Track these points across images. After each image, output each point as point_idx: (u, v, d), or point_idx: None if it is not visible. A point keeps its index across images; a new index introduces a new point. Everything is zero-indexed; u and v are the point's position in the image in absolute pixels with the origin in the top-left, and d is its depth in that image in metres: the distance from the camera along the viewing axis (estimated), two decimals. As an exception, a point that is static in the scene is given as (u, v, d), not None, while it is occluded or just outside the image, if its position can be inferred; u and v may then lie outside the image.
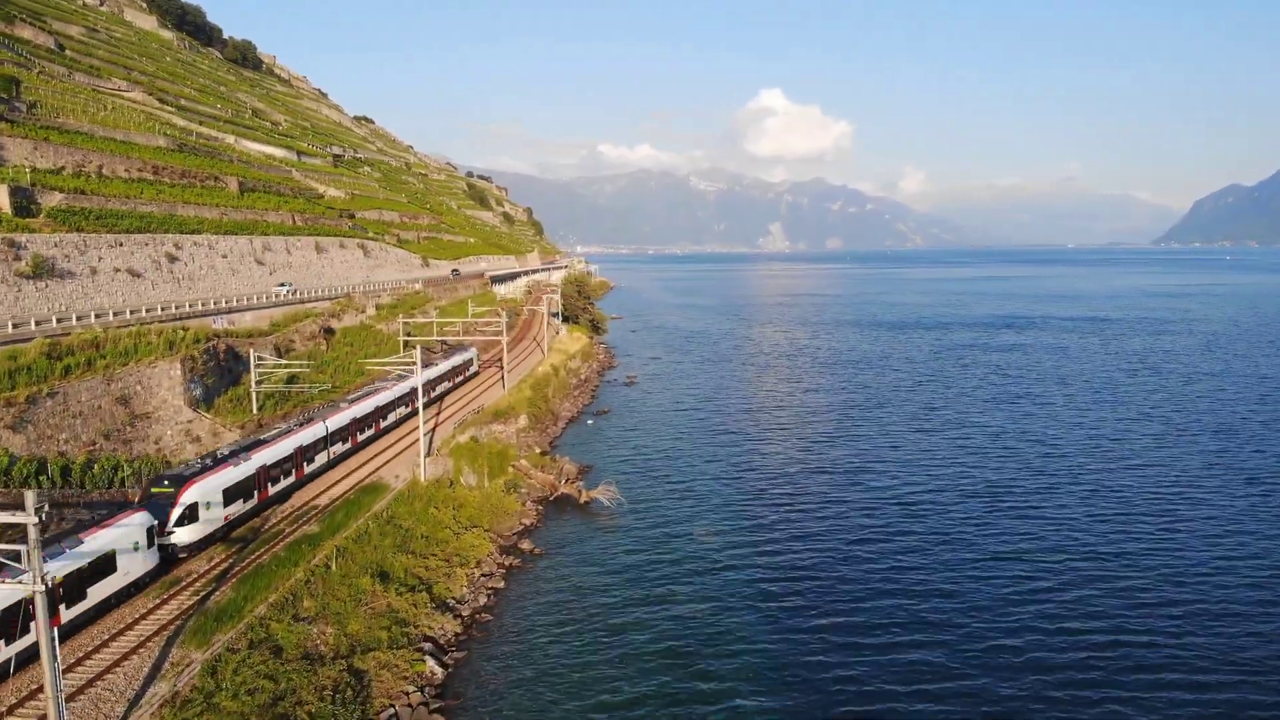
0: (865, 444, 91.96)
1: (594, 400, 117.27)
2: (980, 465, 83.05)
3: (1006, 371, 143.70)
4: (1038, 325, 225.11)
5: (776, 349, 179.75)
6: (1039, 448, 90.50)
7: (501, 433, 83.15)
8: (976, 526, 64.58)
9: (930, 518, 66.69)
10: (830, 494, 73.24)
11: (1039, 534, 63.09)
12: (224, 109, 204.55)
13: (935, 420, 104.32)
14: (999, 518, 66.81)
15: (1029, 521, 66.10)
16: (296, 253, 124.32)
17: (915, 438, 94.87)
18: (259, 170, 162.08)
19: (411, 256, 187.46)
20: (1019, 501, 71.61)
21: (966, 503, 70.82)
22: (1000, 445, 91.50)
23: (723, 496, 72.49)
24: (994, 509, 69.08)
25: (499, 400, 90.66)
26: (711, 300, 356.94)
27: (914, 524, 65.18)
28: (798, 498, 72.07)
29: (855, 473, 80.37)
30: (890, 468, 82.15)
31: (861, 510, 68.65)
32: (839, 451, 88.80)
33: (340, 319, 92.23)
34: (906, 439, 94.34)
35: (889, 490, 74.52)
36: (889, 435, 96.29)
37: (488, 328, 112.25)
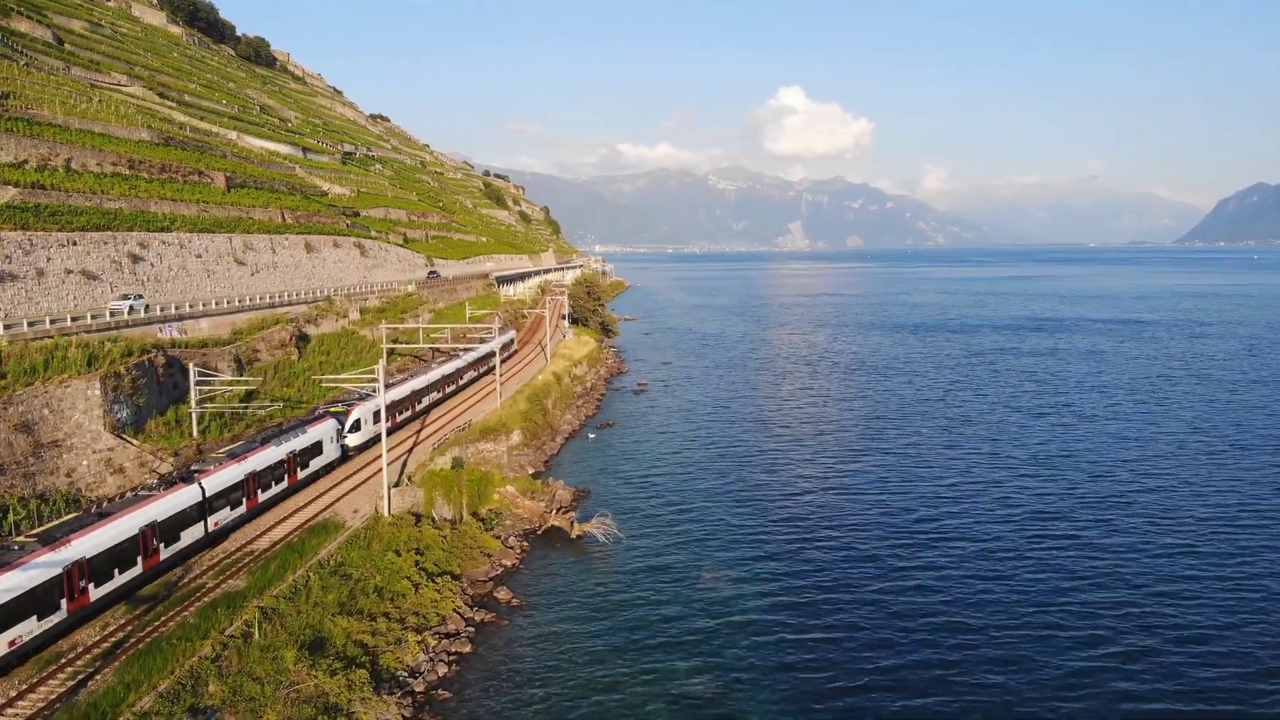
0: (893, 463, 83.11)
1: (599, 411, 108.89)
2: (1021, 490, 74.01)
3: (1041, 379, 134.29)
4: (1069, 328, 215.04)
5: (795, 353, 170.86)
6: (1084, 466, 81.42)
7: (490, 452, 74.89)
8: (1025, 565, 55.70)
9: (972, 557, 57.80)
10: (857, 526, 64.48)
11: (1094, 571, 54.19)
12: (230, 105, 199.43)
13: (968, 435, 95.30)
14: (1047, 552, 57.93)
15: (1080, 555, 57.21)
16: (283, 252, 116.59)
17: (947, 456, 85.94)
18: (259, 167, 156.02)
19: (415, 256, 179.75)
20: (1067, 531, 62.75)
21: (1011, 536, 61.90)
22: (1041, 465, 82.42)
23: (734, 529, 63.82)
24: (1041, 541, 60.20)
25: (491, 414, 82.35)
26: (729, 301, 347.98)
27: (953, 562, 56.39)
28: (820, 531, 63.33)
29: (883, 499, 71.56)
30: (922, 491, 73.24)
31: (894, 548, 59.81)
32: (864, 473, 79.95)
33: (317, 324, 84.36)
34: (937, 457, 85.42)
35: (923, 520, 65.63)
36: (918, 452, 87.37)
37: (478, 334, 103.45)
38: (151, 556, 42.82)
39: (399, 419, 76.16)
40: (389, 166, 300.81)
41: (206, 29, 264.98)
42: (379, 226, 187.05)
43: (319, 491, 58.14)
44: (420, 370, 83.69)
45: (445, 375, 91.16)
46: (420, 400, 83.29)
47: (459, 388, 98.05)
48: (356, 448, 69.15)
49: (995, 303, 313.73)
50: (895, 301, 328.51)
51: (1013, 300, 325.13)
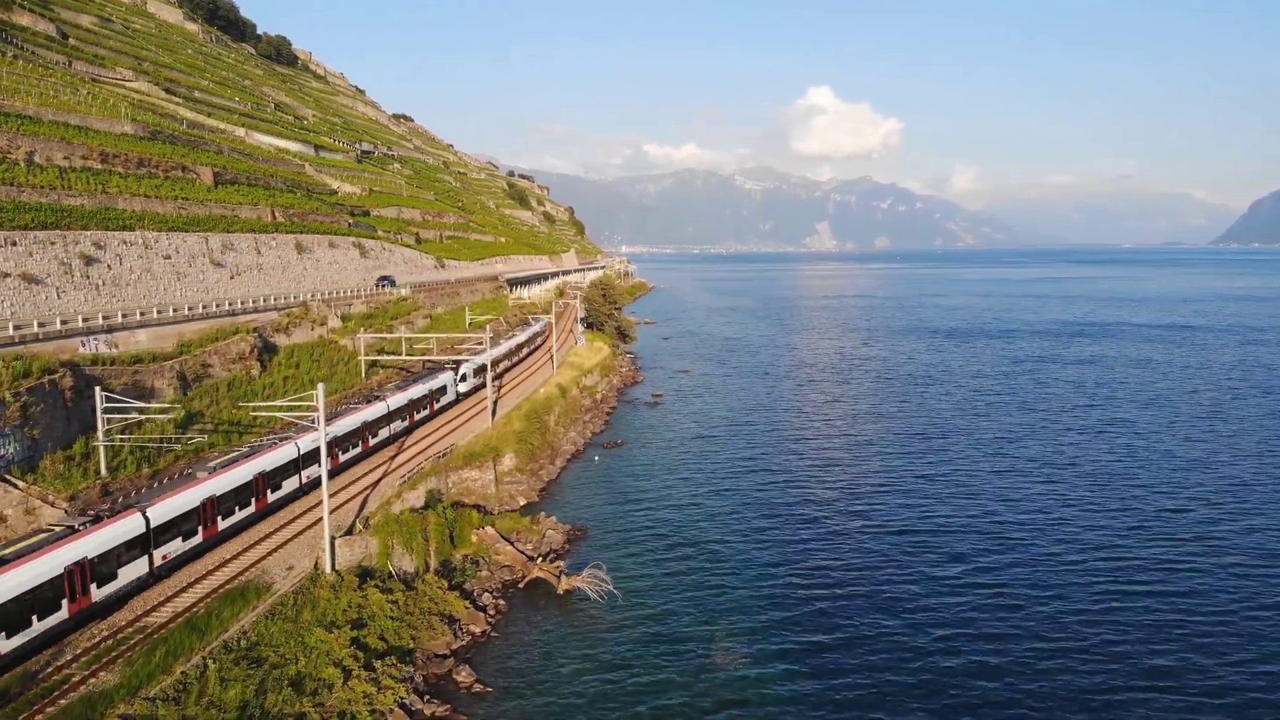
0: (936, 498, 72.87)
1: (607, 427, 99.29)
2: (1090, 529, 63.62)
3: (1091, 392, 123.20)
4: (1113, 333, 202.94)
5: (822, 361, 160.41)
6: (1156, 499, 70.91)
7: (475, 481, 65.60)
8: (1105, 630, 45.63)
9: (1044, 626, 47.68)
10: (899, 580, 54.43)
11: (1190, 636, 44.09)
12: (242, 102, 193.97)
13: (1019, 461, 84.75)
14: (1128, 611, 47.82)
15: (1169, 612, 47.05)
16: (269, 252, 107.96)
17: (998, 487, 75.52)
18: (263, 164, 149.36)
19: (423, 257, 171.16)
20: (1149, 581, 52.55)
21: (1085, 593, 51.74)
22: (1109, 497, 71.91)
23: (752, 584, 53.78)
24: (1121, 598, 50.06)
25: (480, 436, 72.98)
26: (754, 303, 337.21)
27: (1023, 632, 46.33)
28: (856, 586, 53.33)
29: (923, 539, 61.47)
30: (974, 535, 62.94)
31: (946, 618, 49.81)
32: (903, 510, 69.71)
33: (289, 333, 75.55)
34: (988, 488, 75.08)
35: (980, 577, 55.32)
36: (965, 481, 77.05)
37: (466, 344, 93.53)
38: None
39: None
40: (409, 166, 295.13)
41: (226, 27, 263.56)
42: (390, 226, 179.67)
43: (244, 545, 47.97)
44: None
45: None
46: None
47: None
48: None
49: (1032, 305, 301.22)
50: (927, 304, 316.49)
51: (1050, 303, 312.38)
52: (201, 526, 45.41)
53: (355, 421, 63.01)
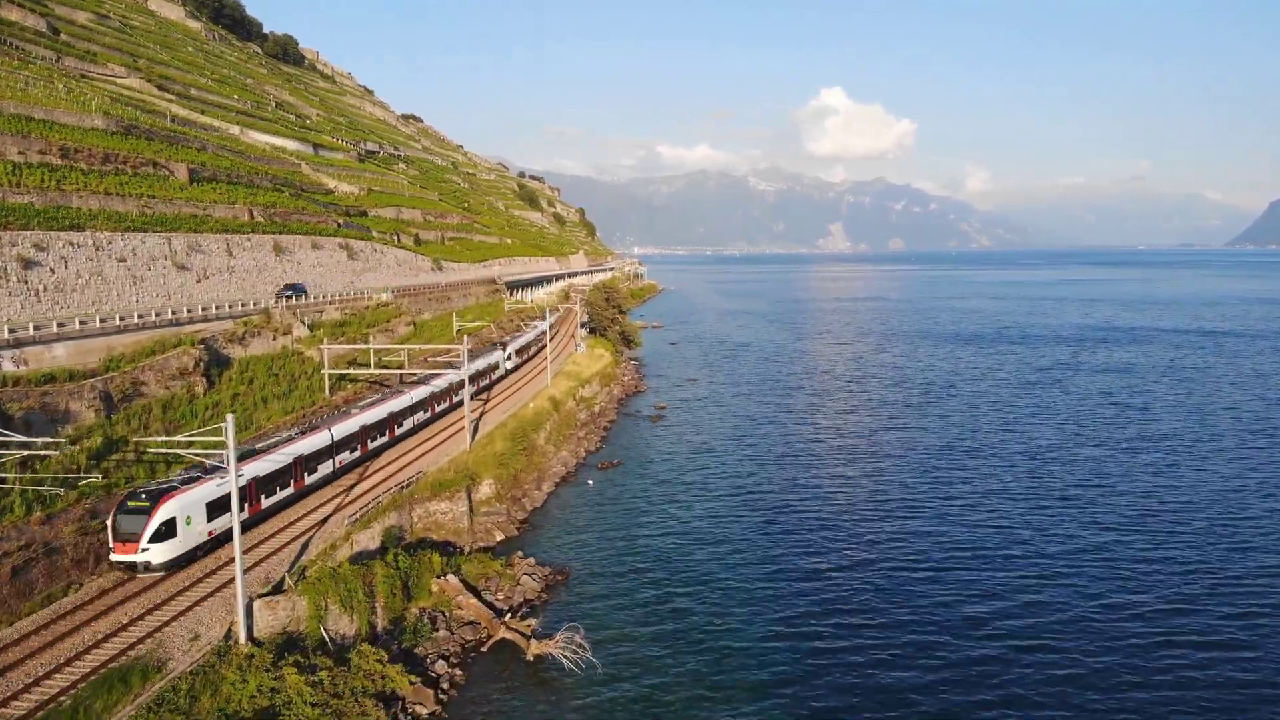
0: (963, 527, 64.79)
1: (604, 444, 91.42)
2: (1137, 559, 55.58)
3: (1123, 403, 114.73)
4: (1139, 339, 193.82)
5: (837, 368, 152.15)
6: (1214, 529, 62.71)
7: (446, 515, 57.89)
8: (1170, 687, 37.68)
9: (1079, 668, 39.77)
10: (928, 647, 46.57)
11: None
12: (241, 100, 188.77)
13: (1052, 481, 76.54)
14: (1181, 663, 39.80)
15: (1230, 669, 38.96)
16: (243, 254, 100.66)
17: (1031, 512, 67.43)
18: (254, 162, 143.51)
19: (419, 258, 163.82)
20: (1206, 625, 44.43)
21: (1131, 631, 43.77)
22: (1154, 524, 63.81)
23: (757, 642, 46.07)
24: (1172, 641, 42.03)
25: (454, 460, 65.22)
26: (765, 305, 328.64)
27: (1050, 672, 38.46)
28: (877, 647, 45.53)
29: (955, 588, 53.40)
30: (1004, 569, 55.01)
31: (975, 679, 41.91)
32: (929, 546, 61.58)
33: (245, 344, 67.97)
34: (1020, 514, 66.97)
35: (1009, 621, 47.51)
36: (997, 507, 68.84)
37: (442, 356, 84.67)
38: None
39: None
40: (415, 166, 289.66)
41: (232, 26, 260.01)
42: (388, 227, 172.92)
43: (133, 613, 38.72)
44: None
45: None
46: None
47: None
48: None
49: (1052, 309, 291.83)
50: (944, 307, 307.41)
51: (1071, 306, 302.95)
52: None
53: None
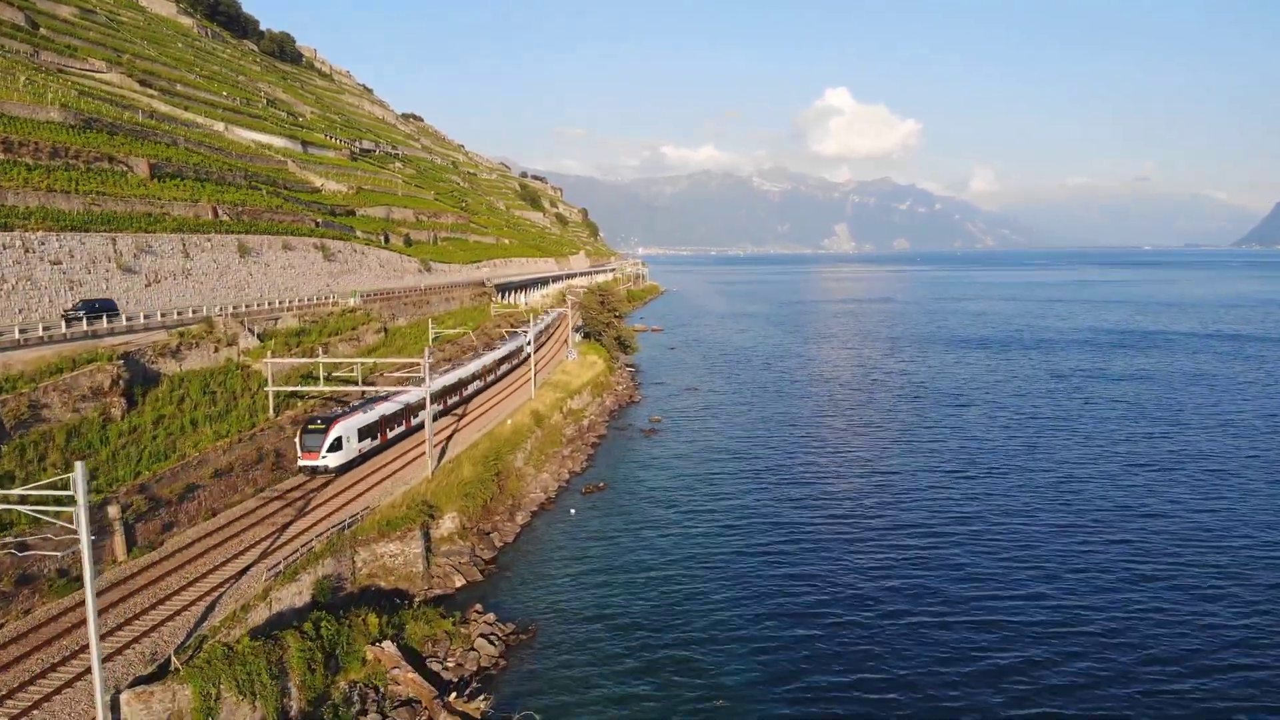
0: (986, 557, 56.84)
1: (591, 464, 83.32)
2: (1185, 602, 47.57)
3: (1152, 415, 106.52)
4: (1158, 343, 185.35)
5: (844, 375, 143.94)
6: (1257, 556, 54.71)
7: (396, 558, 50.02)
8: None
9: None
10: (950, 691, 38.62)
11: None
12: (230, 97, 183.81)
13: (1083, 506, 68.53)
14: None
15: None
16: (202, 255, 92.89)
17: (1061, 541, 59.42)
18: (233, 159, 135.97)
19: (406, 259, 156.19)
20: None
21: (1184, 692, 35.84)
22: (1202, 558, 55.77)
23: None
24: None
25: (412, 491, 57.26)
26: (769, 308, 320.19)
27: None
28: None
29: (982, 638, 45.53)
30: (1033, 607, 47.00)
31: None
32: (948, 575, 53.79)
33: (180, 357, 60.02)
34: (1048, 544, 58.98)
35: (1042, 671, 39.55)
36: (1021, 537, 60.83)
37: (400, 370, 75.39)
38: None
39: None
40: (413, 165, 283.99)
41: (227, 23, 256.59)
42: (376, 227, 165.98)
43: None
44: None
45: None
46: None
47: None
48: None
49: (1064, 311, 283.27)
50: (953, 309, 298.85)
51: (1083, 308, 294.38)
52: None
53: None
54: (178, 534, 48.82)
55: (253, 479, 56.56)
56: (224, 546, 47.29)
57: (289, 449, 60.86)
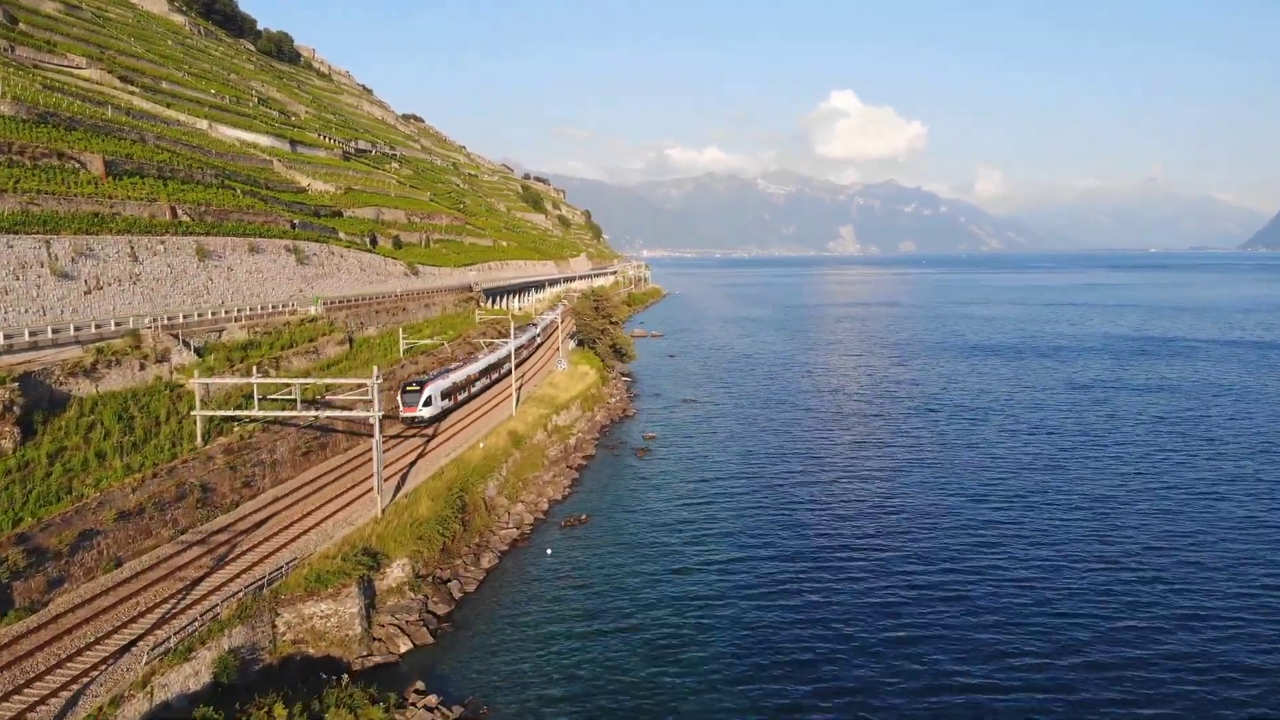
0: (1011, 595, 48.93)
1: (574, 490, 75.28)
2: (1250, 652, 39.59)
3: (1186, 432, 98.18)
4: (1180, 351, 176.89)
5: (851, 385, 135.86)
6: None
7: (328, 620, 42.18)
8: None
9: None
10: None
11: None
12: (219, 95, 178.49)
13: (1123, 540, 60.46)
14: None
15: None
16: (155, 259, 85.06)
17: (1101, 581, 51.47)
18: (212, 157, 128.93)
19: (391, 262, 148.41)
20: None
21: None
22: (1242, 589, 47.82)
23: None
24: None
25: (356, 534, 49.43)
26: (772, 312, 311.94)
27: None
28: None
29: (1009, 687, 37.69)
30: (1064, 665, 39.18)
31: None
32: (973, 622, 45.89)
33: (97, 377, 52.40)
34: (1079, 581, 51.04)
35: None
36: (1053, 580, 52.85)
37: (346, 392, 66.08)
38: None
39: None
40: (410, 166, 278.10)
41: (223, 22, 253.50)
42: (364, 228, 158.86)
43: None
44: None
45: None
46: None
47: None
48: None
49: (1076, 316, 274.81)
50: (962, 314, 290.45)
51: (1095, 313, 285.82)
52: None
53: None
54: (69, 591, 41.10)
55: (172, 519, 48.77)
56: (118, 609, 39.54)
57: (220, 482, 53.11)
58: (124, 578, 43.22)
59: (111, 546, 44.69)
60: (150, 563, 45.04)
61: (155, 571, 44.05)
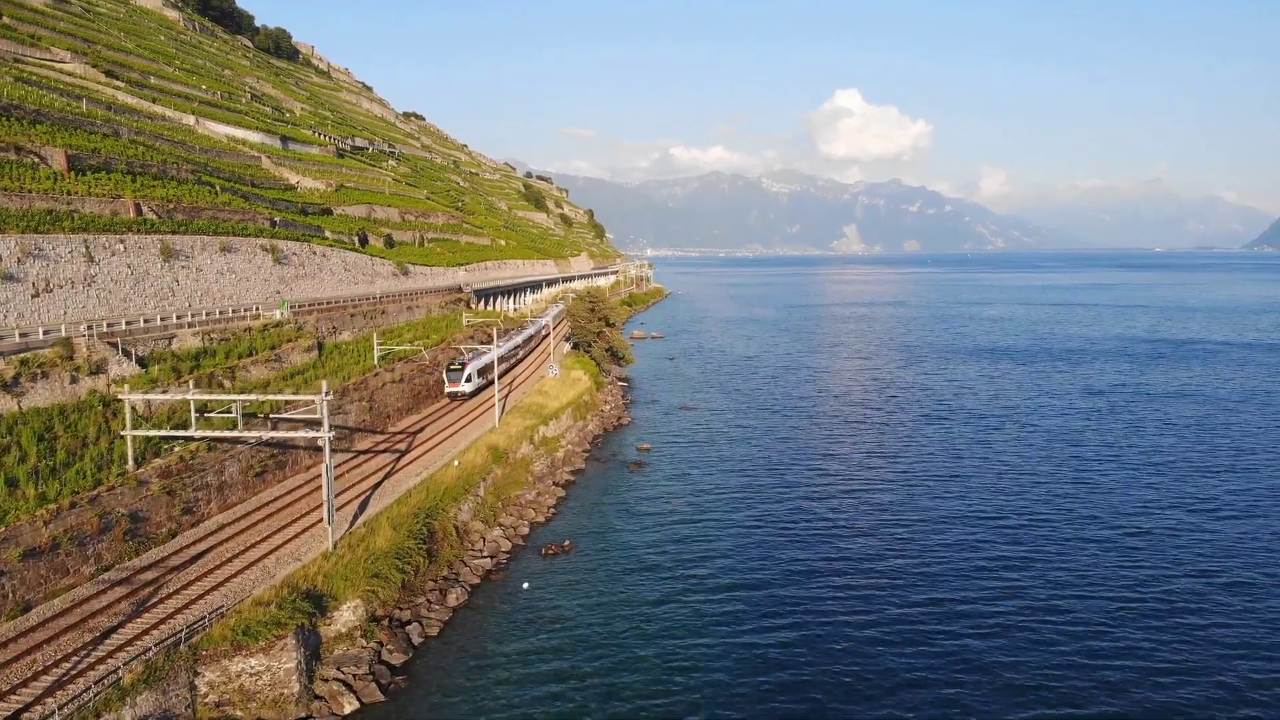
0: (1035, 626, 43.07)
1: (559, 511, 69.36)
2: None
3: (1216, 444, 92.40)
4: (1199, 354, 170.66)
5: (855, 391, 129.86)
6: None
7: (259, 678, 36.43)
8: None
9: None
10: None
11: None
12: (211, 91, 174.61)
13: (1160, 568, 54.62)
14: None
15: None
16: (114, 259, 79.42)
17: (1124, 616, 45.56)
18: (196, 153, 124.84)
19: (379, 262, 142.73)
20: None
21: None
22: None
23: None
24: None
25: (300, 573, 43.70)
26: (776, 312, 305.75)
27: None
28: None
29: None
30: None
31: None
32: (988, 662, 40.04)
33: (19, 391, 46.48)
34: (1108, 610, 45.20)
35: None
36: (1078, 596, 46.97)
37: (295, 410, 59.21)
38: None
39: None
40: (409, 164, 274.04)
41: (220, 18, 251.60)
42: (354, 227, 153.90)
43: None
44: None
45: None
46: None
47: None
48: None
49: (1086, 317, 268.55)
50: (970, 314, 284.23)
51: (1106, 314, 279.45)
52: None
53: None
54: (-40, 644, 35.46)
55: (94, 555, 43.10)
56: (11, 669, 33.82)
57: (155, 510, 47.40)
58: (30, 625, 37.57)
59: (18, 589, 39.03)
60: (63, 607, 39.38)
61: (66, 618, 38.39)
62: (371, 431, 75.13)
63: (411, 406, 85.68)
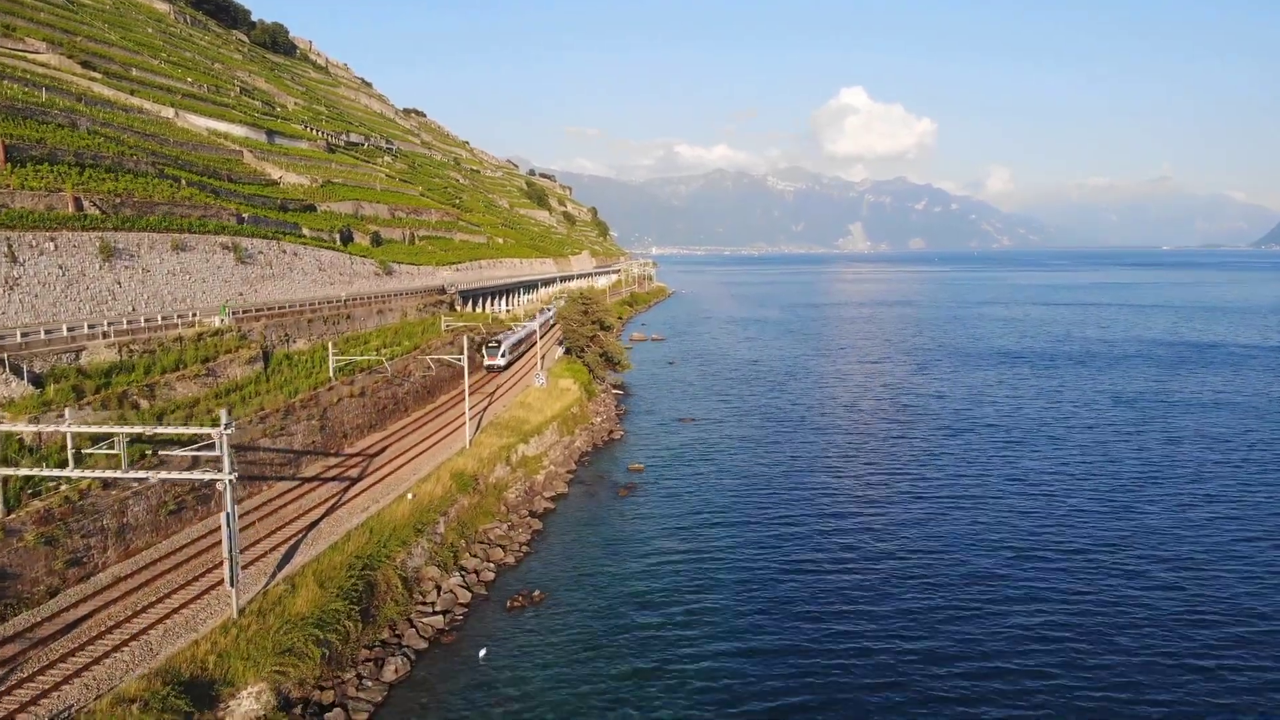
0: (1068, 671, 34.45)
1: (532, 550, 60.56)
2: None
3: (1264, 459, 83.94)
4: (1227, 359, 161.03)
5: (865, 400, 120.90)
6: None
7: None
8: None
9: None
10: None
11: None
12: (196, 84, 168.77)
13: (1203, 602, 45.93)
14: None
15: None
16: (40, 259, 70.92)
17: (1181, 655, 37.02)
18: (172, 147, 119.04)
19: (359, 261, 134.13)
20: None
21: None
22: None
23: None
24: None
25: (186, 653, 35.27)
26: (780, 312, 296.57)
27: None
28: None
29: None
30: None
31: None
32: None
33: None
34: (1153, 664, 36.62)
35: None
36: (1123, 636, 38.53)
37: (184, 449, 49.84)
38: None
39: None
40: (406, 160, 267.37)
41: (214, 12, 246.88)
42: (339, 224, 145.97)
43: None
44: None
45: None
46: None
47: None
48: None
49: (1101, 317, 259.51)
50: (981, 314, 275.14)
51: (1121, 314, 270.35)
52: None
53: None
54: None
55: (-65, 629, 34.68)
56: None
57: (28, 564, 38.97)
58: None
59: None
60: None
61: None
62: (323, 454, 66.54)
63: (374, 423, 77.05)
